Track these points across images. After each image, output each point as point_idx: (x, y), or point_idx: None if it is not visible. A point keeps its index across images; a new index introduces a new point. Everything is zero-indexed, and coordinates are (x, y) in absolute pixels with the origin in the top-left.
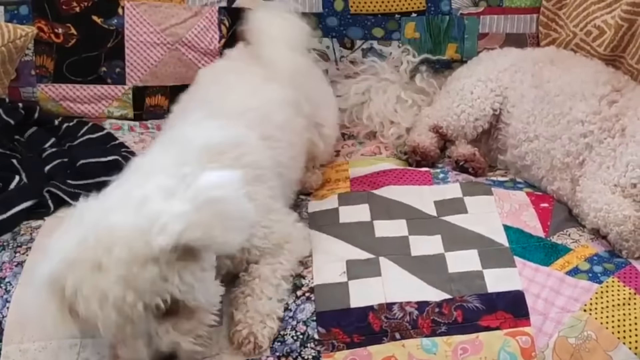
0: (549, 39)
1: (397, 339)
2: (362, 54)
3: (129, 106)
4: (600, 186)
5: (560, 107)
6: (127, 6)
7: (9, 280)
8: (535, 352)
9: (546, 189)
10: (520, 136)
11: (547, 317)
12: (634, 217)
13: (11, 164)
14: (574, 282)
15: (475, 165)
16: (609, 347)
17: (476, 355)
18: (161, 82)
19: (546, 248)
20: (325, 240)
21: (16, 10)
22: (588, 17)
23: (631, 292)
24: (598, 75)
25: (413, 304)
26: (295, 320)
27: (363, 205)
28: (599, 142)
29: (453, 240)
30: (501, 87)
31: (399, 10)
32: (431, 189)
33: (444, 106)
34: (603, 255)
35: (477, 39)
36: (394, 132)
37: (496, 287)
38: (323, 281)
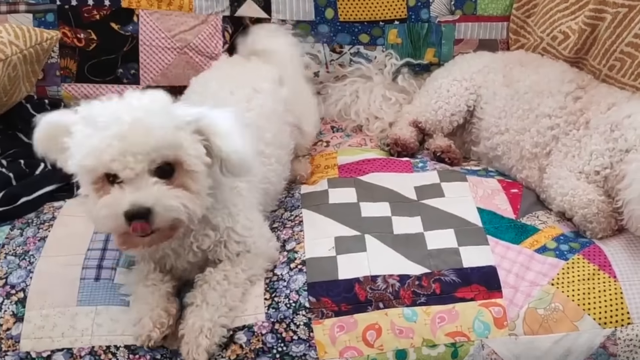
0: (518, 44)
1: (380, 308)
2: (350, 58)
3: None
4: (566, 173)
5: (529, 103)
6: (142, 14)
7: (33, 253)
8: (507, 321)
9: (516, 176)
10: (492, 129)
11: (518, 290)
12: (598, 200)
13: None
14: (542, 259)
15: (451, 156)
16: (575, 317)
17: (452, 324)
18: (171, 83)
19: (516, 228)
20: (316, 219)
21: (43, 17)
22: (554, 24)
23: (595, 268)
24: (563, 75)
25: (395, 277)
26: (288, 290)
27: (350, 188)
28: (565, 134)
29: (431, 220)
30: (475, 86)
31: (382, 18)
32: (411, 176)
33: (423, 103)
34: (569, 235)
35: (453, 44)
36: (378, 126)
37: (471, 262)
38: (314, 255)
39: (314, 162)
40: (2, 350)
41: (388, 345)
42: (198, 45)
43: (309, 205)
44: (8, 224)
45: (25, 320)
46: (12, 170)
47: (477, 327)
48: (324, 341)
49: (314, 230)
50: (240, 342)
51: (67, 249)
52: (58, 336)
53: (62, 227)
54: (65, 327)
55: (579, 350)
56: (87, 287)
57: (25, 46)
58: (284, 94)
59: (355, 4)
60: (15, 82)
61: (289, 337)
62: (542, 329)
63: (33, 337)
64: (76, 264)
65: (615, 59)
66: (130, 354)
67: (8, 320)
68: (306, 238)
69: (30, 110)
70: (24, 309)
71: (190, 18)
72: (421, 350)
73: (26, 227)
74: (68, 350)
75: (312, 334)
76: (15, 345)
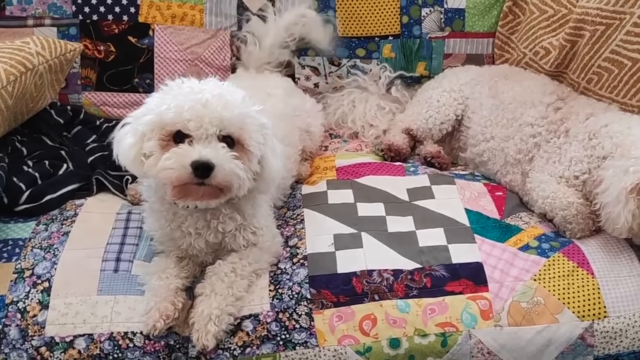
0: (503, 59)
1: (376, 300)
2: (347, 70)
3: None
4: (548, 178)
5: (513, 113)
6: (157, 29)
7: (57, 246)
8: (492, 313)
9: (500, 180)
10: (479, 137)
11: (503, 284)
12: (577, 203)
13: (60, 155)
14: (525, 257)
15: (440, 161)
16: (555, 310)
17: (442, 315)
18: None
19: (501, 228)
20: (317, 217)
21: (67, 30)
22: (536, 40)
23: (574, 266)
24: (545, 87)
25: (389, 271)
26: (291, 282)
27: (347, 190)
28: (546, 142)
29: (422, 220)
30: (463, 97)
31: (378, 34)
32: (404, 179)
33: (414, 112)
34: (550, 235)
35: (442, 58)
36: (373, 133)
37: (459, 259)
38: (315, 250)
39: (314, 164)
40: (29, 335)
41: (383, 334)
42: (208, 57)
43: (310, 205)
44: (34, 220)
45: (50, 308)
46: (38, 170)
47: (465, 318)
48: (324, 330)
49: (315, 228)
50: (247, 329)
51: (88, 243)
52: (80, 323)
53: (83, 222)
54: (87, 315)
55: (559, 341)
56: (106, 278)
57: (50, 57)
58: (293, 101)
59: (353, 21)
60: (41, 90)
61: (291, 325)
62: (525, 321)
63: (57, 323)
64: (96, 257)
65: (593, 73)
66: (145, 340)
67: (34, 307)
68: (307, 235)
69: (54, 116)
70: (48, 298)
71: (201, 33)
72: (413, 339)
73: (50, 223)
74: (89, 335)
75: (312, 323)
76: (40, 330)
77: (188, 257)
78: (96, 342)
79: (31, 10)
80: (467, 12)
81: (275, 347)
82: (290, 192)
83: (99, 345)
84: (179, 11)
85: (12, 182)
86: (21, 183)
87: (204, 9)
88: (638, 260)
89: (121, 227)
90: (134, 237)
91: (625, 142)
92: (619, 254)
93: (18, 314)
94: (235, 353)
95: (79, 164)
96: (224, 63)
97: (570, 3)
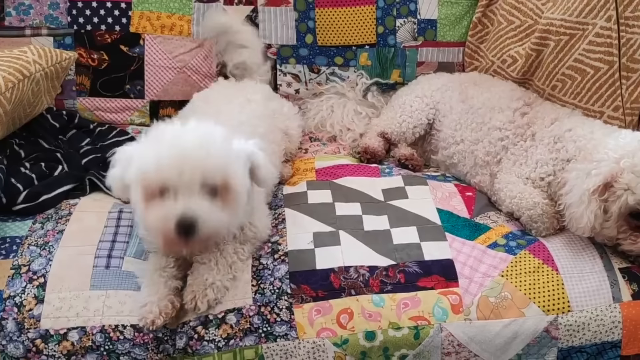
0: (473, 66)
1: (352, 294)
2: (326, 77)
3: (147, 115)
4: (515, 179)
5: (482, 117)
6: (147, 38)
7: (52, 244)
8: (462, 307)
9: (470, 181)
10: (450, 140)
11: (472, 280)
12: (542, 203)
13: (56, 157)
14: (494, 254)
15: (413, 163)
16: (522, 305)
17: (415, 309)
18: (171, 97)
19: (471, 226)
20: (297, 216)
21: (62, 40)
22: (503, 49)
23: (539, 262)
24: (512, 93)
25: (365, 268)
26: (272, 278)
27: (326, 190)
28: (514, 145)
29: (397, 219)
30: (434, 102)
31: (355, 43)
32: (379, 180)
33: (389, 117)
34: (516, 233)
35: (416, 66)
36: (351, 137)
37: (431, 256)
38: (295, 247)
39: (295, 166)
40: (25, 328)
41: (359, 327)
42: (195, 65)
43: (291, 205)
44: (31, 219)
45: (45, 302)
46: (34, 171)
47: (437, 312)
48: (303, 323)
49: (295, 227)
50: (231, 322)
51: (82, 241)
52: (73, 316)
53: (77, 221)
54: (80, 308)
55: (525, 334)
56: (98, 274)
57: (47, 65)
58: (272, 105)
59: (332, 31)
60: (37, 96)
61: (273, 319)
62: (493, 315)
63: (52, 316)
64: (89, 254)
65: (558, 80)
66: (135, 332)
67: (30, 302)
68: (288, 233)
69: (50, 120)
70: (44, 292)
71: (188, 42)
72: (387, 332)
73: (46, 221)
74: (82, 328)
75: (293, 317)
76: (36, 323)
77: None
78: (88, 335)
79: (29, 21)
80: (439, 22)
81: (257, 339)
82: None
83: (91, 338)
84: (168, 22)
85: (10, 183)
86: (19, 184)
87: (192, 20)
88: (600, 257)
89: (113, 225)
90: (125, 235)
91: (588, 145)
92: (582, 251)
93: (15, 308)
94: (219, 345)
95: (74, 165)
96: (210, 70)
97: (536, 14)
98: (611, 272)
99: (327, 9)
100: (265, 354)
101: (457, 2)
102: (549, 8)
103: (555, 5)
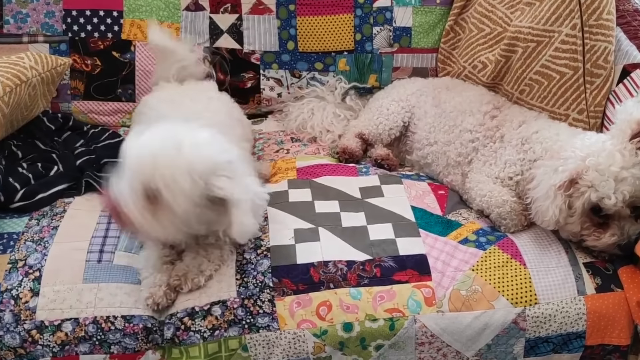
0: (445, 72)
1: (331, 288)
2: (307, 82)
3: None
4: (485, 178)
5: (454, 120)
6: (138, 45)
7: (47, 239)
8: (435, 300)
9: (442, 180)
10: (424, 141)
11: (444, 274)
12: (510, 201)
13: (52, 158)
14: (465, 249)
15: (389, 163)
16: (491, 298)
17: (390, 301)
18: None
19: (443, 223)
20: (279, 214)
21: (57, 46)
22: (474, 55)
23: (508, 257)
24: (482, 97)
25: (343, 262)
26: (255, 272)
27: (306, 189)
28: (484, 146)
29: (373, 216)
30: (409, 105)
31: (334, 50)
32: (357, 179)
33: (366, 119)
34: (486, 229)
35: (391, 71)
36: (330, 138)
37: (405, 251)
38: (277, 243)
39: (277, 165)
40: (22, 319)
41: (337, 319)
42: None
43: (273, 203)
44: (27, 216)
45: (40, 295)
46: (31, 171)
47: (411, 304)
48: (285, 315)
49: (277, 223)
50: (216, 314)
51: (75, 237)
52: (67, 308)
53: (71, 218)
54: (73, 301)
55: (494, 325)
56: (91, 268)
57: (43, 70)
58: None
59: (312, 38)
60: (34, 100)
61: (255, 311)
62: (464, 307)
63: (46, 308)
64: (82, 249)
65: (525, 85)
66: (126, 323)
67: (26, 294)
68: (270, 230)
69: (46, 123)
70: (39, 286)
71: None
72: (364, 323)
73: (42, 218)
74: (75, 319)
75: (274, 309)
76: (32, 315)
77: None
78: (81, 325)
79: (26, 29)
80: (413, 30)
81: (241, 330)
82: None
83: (84, 328)
84: None
85: (8, 182)
86: (16, 183)
87: (180, 27)
88: (565, 252)
89: (104, 222)
90: (116, 231)
91: (554, 147)
92: (548, 247)
93: (12, 301)
94: (205, 335)
95: (68, 166)
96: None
97: (505, 22)
98: (576, 267)
99: (307, 17)
100: (248, 344)
101: (430, 10)
102: (517, 16)
103: (524, 14)
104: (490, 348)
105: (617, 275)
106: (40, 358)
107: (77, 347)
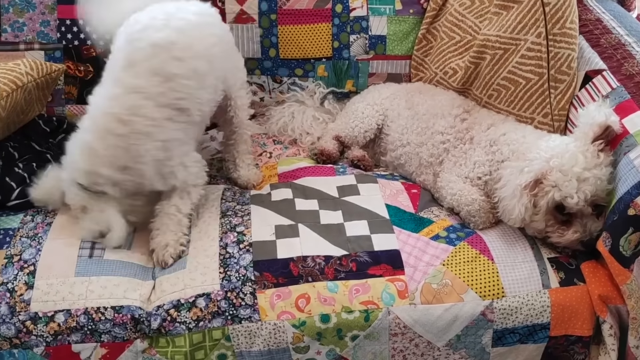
0: (418, 77)
1: (309, 281)
2: (288, 87)
3: None
4: (455, 178)
5: (426, 122)
6: None
7: (41, 235)
8: (408, 293)
9: (415, 180)
10: (397, 143)
11: (417, 268)
12: (479, 200)
13: (47, 159)
14: (436, 245)
15: (365, 163)
16: (461, 291)
17: (365, 294)
18: None
19: (416, 220)
20: (261, 211)
21: (52, 54)
22: (445, 62)
23: (477, 253)
24: (453, 101)
25: (321, 257)
26: (238, 266)
27: (287, 189)
28: (454, 147)
29: (350, 213)
30: (384, 109)
31: (313, 57)
32: (334, 178)
33: (343, 122)
34: (456, 226)
35: (367, 77)
36: (309, 140)
37: (380, 246)
38: (259, 239)
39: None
40: (17, 311)
41: (315, 311)
42: None
43: (256, 202)
44: (22, 212)
45: (35, 288)
46: (27, 171)
47: (385, 297)
48: (265, 307)
49: (259, 220)
50: (200, 306)
51: (68, 233)
52: (60, 300)
53: (64, 215)
54: (65, 293)
55: (464, 317)
56: (82, 262)
57: (38, 76)
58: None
59: (292, 46)
60: (30, 104)
61: (238, 303)
62: (435, 300)
63: (40, 300)
64: (74, 244)
65: (493, 90)
66: (115, 313)
67: (21, 287)
68: (253, 225)
69: (42, 125)
70: (33, 279)
71: None
72: (341, 315)
73: (36, 215)
74: (67, 311)
75: (256, 301)
76: (26, 307)
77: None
78: (73, 316)
79: (23, 37)
80: (388, 38)
81: (224, 322)
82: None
83: (76, 319)
84: None
85: (4, 182)
86: (13, 182)
87: None
88: (531, 248)
89: None
90: None
91: (521, 148)
92: (515, 243)
93: (7, 293)
94: (190, 326)
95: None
96: None
97: (474, 31)
98: (541, 262)
99: (288, 26)
100: (231, 334)
101: (404, 20)
102: (485, 25)
103: (492, 23)
104: (460, 338)
105: (580, 270)
106: (35, 347)
107: (69, 337)
